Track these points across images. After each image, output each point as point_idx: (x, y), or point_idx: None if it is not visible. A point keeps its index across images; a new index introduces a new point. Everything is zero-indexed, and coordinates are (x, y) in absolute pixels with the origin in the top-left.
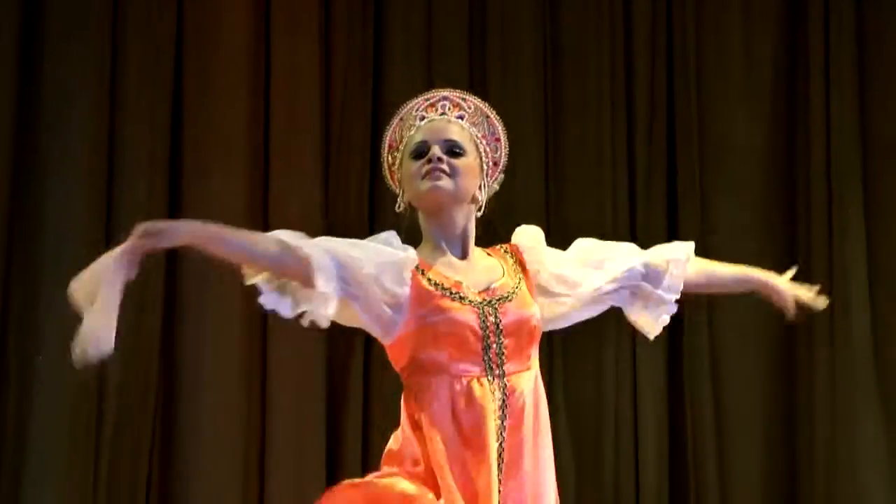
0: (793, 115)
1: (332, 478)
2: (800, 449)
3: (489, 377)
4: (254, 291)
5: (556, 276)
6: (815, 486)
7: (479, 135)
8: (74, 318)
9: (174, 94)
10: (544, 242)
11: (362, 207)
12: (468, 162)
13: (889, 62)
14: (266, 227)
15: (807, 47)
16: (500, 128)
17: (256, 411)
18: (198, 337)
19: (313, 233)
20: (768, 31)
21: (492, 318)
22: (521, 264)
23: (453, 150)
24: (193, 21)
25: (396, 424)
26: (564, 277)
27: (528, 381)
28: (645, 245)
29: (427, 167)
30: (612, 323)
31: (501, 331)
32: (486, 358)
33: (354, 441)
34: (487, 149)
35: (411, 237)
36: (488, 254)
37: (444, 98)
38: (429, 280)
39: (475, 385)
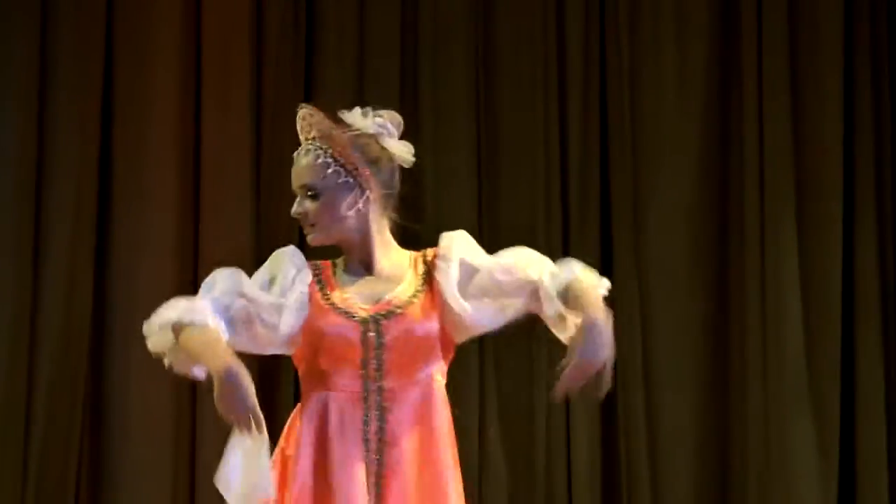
0: (726, 118)
1: None
2: (732, 454)
3: (366, 392)
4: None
5: (466, 270)
6: (748, 491)
7: (337, 149)
8: None
9: (104, 100)
10: (462, 242)
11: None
12: (325, 200)
13: (821, 66)
14: (196, 231)
15: (739, 52)
16: (359, 121)
17: (186, 436)
18: (125, 364)
19: (244, 240)
20: (702, 35)
21: (372, 334)
22: (431, 274)
23: (309, 194)
24: (123, 22)
25: None
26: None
27: (415, 395)
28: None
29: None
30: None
31: (383, 345)
32: (363, 373)
33: None
34: (352, 156)
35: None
36: (410, 259)
37: (302, 117)
38: (325, 296)
39: (348, 405)
